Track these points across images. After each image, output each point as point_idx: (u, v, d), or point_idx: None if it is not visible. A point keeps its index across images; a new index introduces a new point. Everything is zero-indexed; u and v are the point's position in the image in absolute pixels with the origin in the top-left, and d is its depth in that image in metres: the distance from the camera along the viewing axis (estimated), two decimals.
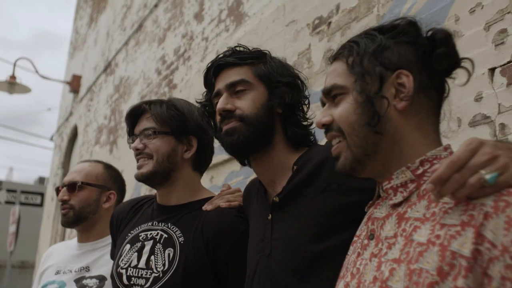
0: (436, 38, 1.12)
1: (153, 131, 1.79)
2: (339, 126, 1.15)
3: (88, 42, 10.18)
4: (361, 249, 1.14)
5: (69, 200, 2.27)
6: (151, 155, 1.78)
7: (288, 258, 1.38)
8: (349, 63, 1.15)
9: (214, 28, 4.69)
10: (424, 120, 1.12)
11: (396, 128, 1.11)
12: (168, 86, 5.50)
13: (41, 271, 2.39)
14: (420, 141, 1.11)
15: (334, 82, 1.17)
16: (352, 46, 1.17)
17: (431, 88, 1.13)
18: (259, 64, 1.54)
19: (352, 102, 1.13)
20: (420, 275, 0.92)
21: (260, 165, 1.56)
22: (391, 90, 1.11)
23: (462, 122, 2.14)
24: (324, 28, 3.18)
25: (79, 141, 9.39)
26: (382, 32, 1.16)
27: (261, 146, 1.52)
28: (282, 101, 1.53)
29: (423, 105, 1.12)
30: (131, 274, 1.73)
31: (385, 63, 1.11)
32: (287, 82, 1.53)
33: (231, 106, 1.51)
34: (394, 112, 1.11)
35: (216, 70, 1.59)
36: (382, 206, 1.14)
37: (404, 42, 1.13)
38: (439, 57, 1.11)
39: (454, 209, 0.95)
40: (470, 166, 0.92)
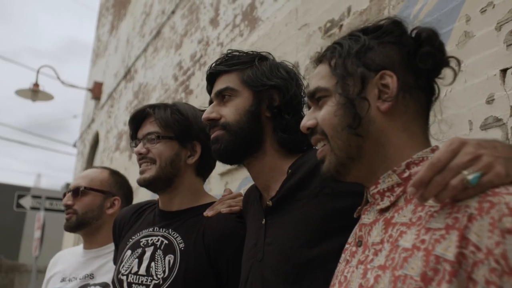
0: (421, 37, 1.09)
1: (156, 136, 1.76)
2: (322, 129, 1.12)
3: (109, 49, 10.29)
4: (350, 256, 1.11)
5: (73, 205, 2.26)
6: (154, 160, 1.75)
7: (280, 264, 1.35)
8: (332, 65, 1.13)
9: (229, 33, 4.68)
10: (411, 122, 1.09)
11: (380, 130, 1.08)
12: (185, 92, 5.51)
13: (48, 278, 2.39)
14: (407, 143, 1.08)
15: (317, 85, 1.15)
16: (335, 47, 1.14)
17: (417, 88, 1.09)
18: (246, 69, 1.52)
19: (334, 104, 1.10)
20: (404, 281, 0.89)
21: (254, 170, 1.54)
22: (375, 91, 1.08)
23: (474, 125, 2.08)
24: (336, 31, 3.14)
25: (100, 148, 9.48)
26: (366, 32, 1.13)
27: (248, 153, 1.50)
28: (270, 104, 1.50)
29: (409, 106, 1.08)
30: (132, 281, 1.71)
31: (368, 64, 1.09)
32: (274, 85, 1.50)
33: (216, 115, 1.51)
34: (378, 114, 1.08)
35: (211, 78, 1.60)
36: (370, 211, 1.10)
37: (388, 42, 1.11)
38: (423, 56, 1.08)
39: (440, 212, 0.92)
40: (451, 167, 0.88)
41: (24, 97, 9.75)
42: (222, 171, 4.20)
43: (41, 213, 11.92)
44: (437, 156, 0.90)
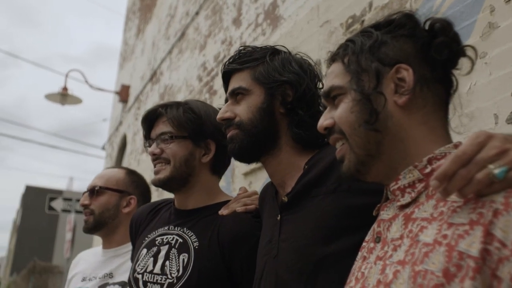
0: (435, 28, 1.07)
1: (170, 136, 1.75)
2: (340, 128, 1.10)
3: (136, 52, 10.38)
4: (367, 253, 1.08)
5: (89, 205, 2.28)
6: (168, 160, 1.74)
7: (295, 260, 1.33)
8: (345, 62, 1.11)
9: (251, 32, 4.67)
10: (430, 115, 1.06)
11: (399, 125, 1.06)
12: (209, 93, 5.52)
13: (69, 278, 2.42)
14: (427, 137, 1.05)
15: (332, 84, 1.14)
16: (348, 45, 1.13)
17: (434, 81, 1.08)
18: (257, 66, 1.50)
19: (350, 101, 1.09)
20: (425, 277, 0.86)
21: (269, 167, 1.52)
22: (391, 85, 1.06)
23: (499, 119, 2.02)
24: (358, 27, 3.09)
25: (128, 150, 9.57)
26: (378, 28, 1.12)
27: (263, 151, 1.49)
28: (284, 100, 1.48)
29: (427, 100, 1.06)
30: (147, 280, 1.71)
31: (382, 59, 1.07)
32: (286, 80, 1.47)
33: (230, 114, 1.51)
34: (396, 108, 1.06)
35: (225, 78, 1.59)
36: (390, 208, 1.08)
37: (401, 35, 1.09)
38: (438, 47, 1.06)
39: (463, 207, 0.89)
40: (477, 161, 0.85)
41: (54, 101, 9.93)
42: (246, 171, 4.19)
43: (72, 215, 12.11)
44: (462, 149, 0.87)
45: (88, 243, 16.52)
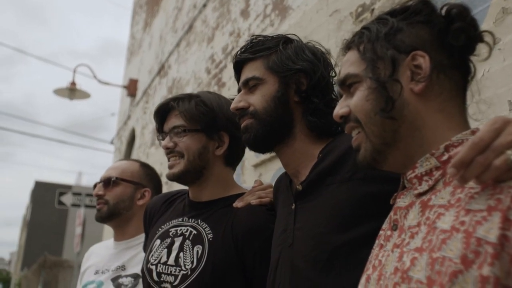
0: (451, 14, 1.06)
1: (183, 129, 1.74)
2: (355, 116, 1.09)
3: (143, 46, 10.38)
4: (384, 240, 1.07)
5: (104, 195, 2.28)
6: (182, 154, 1.73)
7: (310, 249, 1.32)
8: (360, 50, 1.10)
9: (259, 23, 4.65)
10: (447, 102, 1.05)
11: (416, 112, 1.04)
12: (217, 85, 5.51)
13: (82, 271, 2.42)
14: (444, 125, 1.04)
15: (347, 72, 1.12)
16: (363, 32, 1.12)
17: (451, 68, 1.06)
18: (270, 55, 1.48)
19: (365, 89, 1.08)
20: (443, 263, 0.86)
21: (284, 156, 1.51)
22: (407, 73, 1.05)
23: None
24: (368, 15, 3.07)
25: (137, 144, 9.59)
26: (394, 15, 1.10)
27: (278, 140, 1.48)
28: (298, 88, 1.46)
29: (444, 87, 1.05)
30: (161, 271, 1.70)
31: (398, 46, 1.06)
32: (300, 68, 1.45)
33: (244, 104, 1.49)
34: (412, 96, 1.04)
35: (237, 67, 1.57)
36: (406, 195, 1.06)
37: (417, 22, 1.08)
38: (455, 33, 1.04)
39: (481, 193, 0.87)
40: (495, 147, 0.84)
41: (62, 96, 9.96)
42: (255, 163, 4.18)
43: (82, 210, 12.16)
44: (479, 136, 0.85)
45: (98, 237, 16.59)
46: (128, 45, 12.49)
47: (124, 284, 2.18)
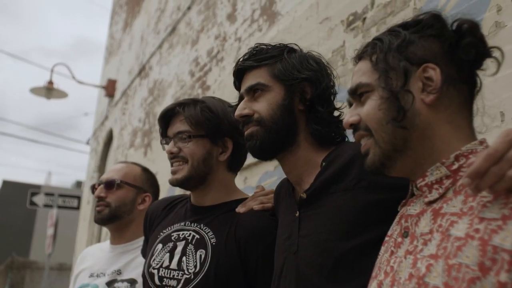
0: (462, 29, 1.10)
1: (188, 135, 1.75)
2: (366, 124, 1.13)
3: (123, 46, 10.32)
4: (395, 247, 1.10)
5: (105, 198, 2.26)
6: (186, 159, 1.74)
7: (315, 256, 1.35)
8: (373, 60, 1.14)
9: (247, 28, 4.68)
10: (455, 114, 1.09)
11: (426, 123, 1.08)
12: (202, 88, 5.52)
13: (76, 274, 2.40)
14: (453, 135, 1.08)
15: (359, 81, 1.16)
16: (376, 43, 1.16)
17: (460, 81, 1.10)
18: (275, 63, 1.50)
19: (378, 98, 1.11)
20: (459, 270, 0.90)
21: (287, 164, 1.53)
22: (418, 84, 1.09)
23: (506, 117, 2.06)
24: (359, 24, 3.12)
25: (114, 145, 9.51)
26: (406, 27, 1.14)
27: (282, 147, 1.50)
28: (302, 97, 1.49)
29: (453, 99, 1.09)
30: (163, 275, 1.71)
31: (410, 58, 1.10)
32: (305, 77, 1.48)
33: (248, 111, 1.51)
34: (423, 107, 1.08)
35: (238, 74, 1.59)
36: (416, 203, 1.10)
37: (429, 35, 1.12)
38: (465, 48, 1.08)
39: (493, 202, 0.92)
40: (509, 158, 0.88)
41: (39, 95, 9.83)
42: None
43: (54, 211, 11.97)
44: (494, 147, 0.89)
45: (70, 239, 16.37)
46: (107, 45, 12.38)
47: None
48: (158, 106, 7.02)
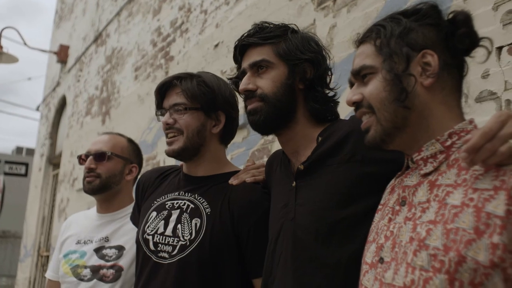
0: (457, 20, 1.23)
1: (184, 107, 1.83)
2: (369, 103, 1.25)
3: (76, 12, 10.06)
4: (393, 214, 1.24)
5: (95, 169, 2.33)
6: (181, 131, 1.82)
7: (311, 223, 1.46)
8: (377, 45, 1.25)
9: (213, 1, 4.70)
10: (448, 96, 1.23)
11: (424, 103, 1.21)
12: (165, 58, 5.53)
13: (62, 241, 2.45)
14: (446, 115, 1.22)
15: (363, 63, 1.27)
16: (379, 29, 1.27)
17: (453, 66, 1.24)
18: (280, 43, 1.59)
19: (382, 80, 1.23)
20: (457, 233, 1.03)
21: (284, 137, 1.64)
22: (418, 68, 1.21)
23: (469, 98, 2.24)
24: (330, 3, 3.23)
25: (68, 112, 9.36)
26: (406, 15, 1.26)
27: (283, 123, 1.60)
28: (303, 77, 1.59)
29: (446, 82, 1.22)
30: (158, 241, 1.79)
31: (411, 44, 1.22)
32: (308, 58, 1.59)
33: (253, 86, 1.59)
34: (421, 89, 1.21)
35: (241, 49, 1.67)
36: (412, 175, 1.24)
37: (427, 24, 1.24)
38: (461, 37, 1.21)
39: (485, 175, 1.06)
40: (500, 136, 1.02)
41: None
42: None
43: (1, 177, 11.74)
44: (488, 126, 1.04)
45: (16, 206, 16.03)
46: (57, 9, 12.03)
47: (108, 255, 2.24)
48: (117, 75, 6.96)
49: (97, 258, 2.26)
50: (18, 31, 9.69)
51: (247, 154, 3.81)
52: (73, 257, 2.32)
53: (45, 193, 10.19)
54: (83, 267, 2.27)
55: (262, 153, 3.63)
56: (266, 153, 3.56)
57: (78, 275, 2.26)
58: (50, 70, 11.53)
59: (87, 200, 6.30)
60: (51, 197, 9.99)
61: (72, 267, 2.30)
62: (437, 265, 1.04)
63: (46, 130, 10.81)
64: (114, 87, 6.98)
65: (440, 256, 1.04)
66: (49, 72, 11.72)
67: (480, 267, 1.00)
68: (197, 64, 4.78)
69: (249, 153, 3.78)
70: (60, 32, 11.32)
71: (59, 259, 2.42)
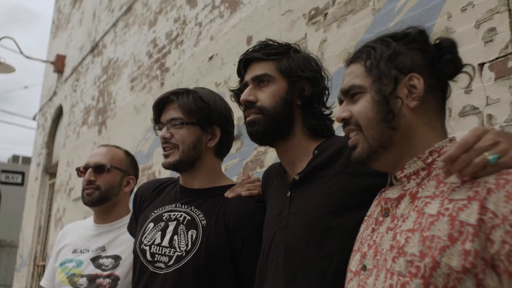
0: (443, 46, 1.29)
1: (180, 122, 1.89)
2: (357, 121, 1.31)
3: (73, 21, 10.15)
4: (376, 225, 1.30)
5: (95, 181, 2.38)
6: (177, 145, 1.88)
7: (303, 230, 1.53)
8: (367, 66, 1.31)
9: (208, 14, 4.79)
10: (432, 117, 1.28)
11: (409, 123, 1.27)
12: (160, 70, 5.60)
13: (58, 249, 2.49)
14: (429, 135, 1.28)
15: (352, 83, 1.33)
16: (370, 51, 1.33)
17: (437, 89, 1.29)
18: (282, 60, 1.68)
19: (370, 100, 1.28)
20: (432, 240, 1.09)
21: (282, 149, 1.71)
22: (404, 90, 1.27)
23: (453, 112, 2.32)
24: (321, 19, 3.32)
25: (65, 121, 9.42)
26: (395, 39, 1.32)
27: (280, 135, 1.67)
28: (301, 94, 1.68)
29: (431, 104, 1.28)
30: (155, 251, 1.84)
31: (399, 67, 1.27)
32: (307, 77, 1.67)
33: (253, 98, 1.67)
34: (407, 110, 1.26)
35: (245, 63, 1.76)
36: (394, 188, 1.30)
37: (415, 48, 1.30)
38: (446, 63, 1.28)
39: (461, 187, 1.12)
40: (476, 148, 1.09)
41: None
42: None
43: None
44: (465, 139, 1.11)
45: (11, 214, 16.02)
46: (53, 19, 12.12)
47: (104, 264, 2.29)
48: (113, 85, 7.04)
49: (93, 267, 2.30)
50: (15, 40, 9.78)
51: (240, 165, 3.88)
52: (70, 265, 2.36)
53: (41, 202, 10.23)
54: (80, 276, 2.30)
55: (255, 164, 3.70)
56: (259, 164, 3.64)
57: (75, 284, 2.29)
58: (47, 80, 11.60)
59: (84, 210, 6.35)
60: (47, 207, 10.03)
61: (68, 276, 2.33)
62: (414, 271, 1.10)
63: (42, 140, 10.87)
64: (110, 97, 7.05)
65: (416, 262, 1.10)
66: (45, 81, 11.78)
67: (453, 272, 1.05)
68: (192, 75, 4.86)
69: (243, 164, 3.85)
70: (56, 41, 11.39)
71: (54, 268, 2.45)
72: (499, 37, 2.18)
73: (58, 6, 11.86)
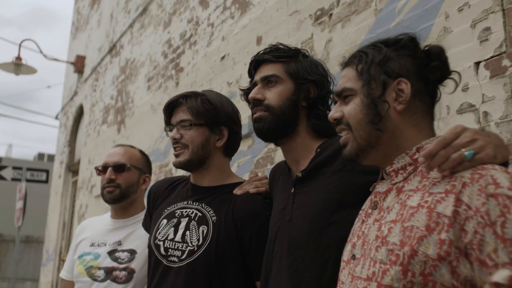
0: (432, 53, 1.36)
1: (189, 123, 2.00)
2: (347, 121, 1.40)
3: (91, 23, 10.34)
4: (365, 217, 1.39)
5: (115, 179, 2.51)
6: (187, 145, 1.99)
7: (305, 224, 1.63)
8: (358, 70, 1.39)
9: (219, 14, 4.90)
10: (420, 120, 1.36)
11: (396, 126, 1.34)
12: (175, 69, 5.73)
13: (76, 243, 2.63)
14: (417, 136, 1.35)
15: (344, 86, 1.41)
16: (362, 55, 1.40)
17: (425, 94, 1.36)
18: (291, 62, 1.79)
19: (359, 103, 1.36)
20: (411, 230, 1.17)
21: (287, 147, 1.81)
22: (392, 94, 1.34)
23: (451, 110, 2.40)
24: (326, 19, 3.41)
25: (85, 120, 9.63)
26: (387, 45, 1.39)
27: (285, 133, 1.77)
28: (307, 95, 1.78)
29: (418, 108, 1.35)
30: (168, 246, 1.95)
31: (388, 72, 1.35)
32: (313, 80, 1.78)
33: (261, 96, 1.78)
34: (394, 113, 1.34)
35: (256, 64, 1.87)
36: (384, 183, 1.40)
37: (405, 54, 1.37)
38: (433, 69, 1.35)
39: (441, 181, 1.20)
40: (454, 145, 1.18)
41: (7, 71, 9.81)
42: None
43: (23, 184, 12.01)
44: (444, 136, 1.20)
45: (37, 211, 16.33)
46: (73, 20, 12.34)
47: (120, 258, 2.42)
48: (130, 85, 7.19)
49: (110, 260, 2.43)
50: (37, 43, 10.00)
51: (252, 162, 3.99)
52: (88, 258, 2.49)
53: (65, 199, 10.48)
54: (97, 268, 2.43)
55: (266, 161, 3.81)
56: (270, 161, 3.75)
57: (92, 276, 2.42)
58: (68, 80, 11.83)
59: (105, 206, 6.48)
60: (70, 203, 10.28)
61: (86, 268, 2.46)
62: (393, 259, 1.17)
63: (65, 138, 11.11)
64: (128, 97, 7.21)
65: (396, 251, 1.17)
66: (66, 81, 12.02)
67: (429, 259, 1.12)
68: (205, 75, 4.98)
69: (254, 161, 3.96)
70: (76, 42, 11.61)
71: (73, 260, 2.58)
72: (494, 36, 2.24)
73: (77, 8, 12.07)
